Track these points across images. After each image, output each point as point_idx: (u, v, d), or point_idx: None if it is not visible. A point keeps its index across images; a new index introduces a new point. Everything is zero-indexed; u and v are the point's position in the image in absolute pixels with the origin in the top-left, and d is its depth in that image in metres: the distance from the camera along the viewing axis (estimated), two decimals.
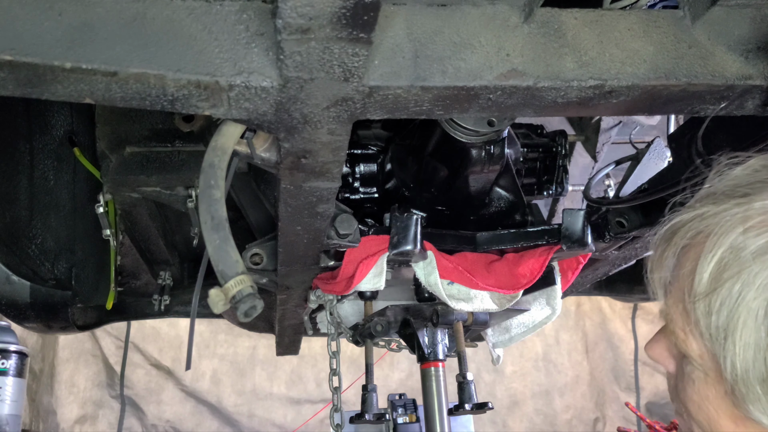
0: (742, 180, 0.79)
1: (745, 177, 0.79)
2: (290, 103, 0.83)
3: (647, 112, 0.98)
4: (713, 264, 0.74)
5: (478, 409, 1.67)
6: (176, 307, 2.35)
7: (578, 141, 2.08)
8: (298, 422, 4.71)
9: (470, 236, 1.60)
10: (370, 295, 1.77)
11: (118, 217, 1.90)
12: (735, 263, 0.72)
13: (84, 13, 0.76)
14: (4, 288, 2.06)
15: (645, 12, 0.93)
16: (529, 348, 5.13)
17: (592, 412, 5.11)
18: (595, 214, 1.56)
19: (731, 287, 0.72)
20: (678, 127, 1.58)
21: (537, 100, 0.89)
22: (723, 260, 0.73)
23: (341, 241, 1.35)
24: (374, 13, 0.68)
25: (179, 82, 0.78)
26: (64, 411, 4.41)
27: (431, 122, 1.45)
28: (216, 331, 4.76)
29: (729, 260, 0.73)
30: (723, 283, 0.72)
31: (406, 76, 0.82)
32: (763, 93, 0.93)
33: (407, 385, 4.70)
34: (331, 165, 1.00)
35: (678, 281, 0.80)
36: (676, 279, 0.81)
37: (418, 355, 1.78)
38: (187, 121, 1.65)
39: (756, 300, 0.70)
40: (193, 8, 0.80)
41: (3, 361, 3.14)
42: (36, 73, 0.75)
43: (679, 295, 0.80)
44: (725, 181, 0.80)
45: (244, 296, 0.85)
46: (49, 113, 2.00)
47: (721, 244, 0.74)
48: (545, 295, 1.79)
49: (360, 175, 1.70)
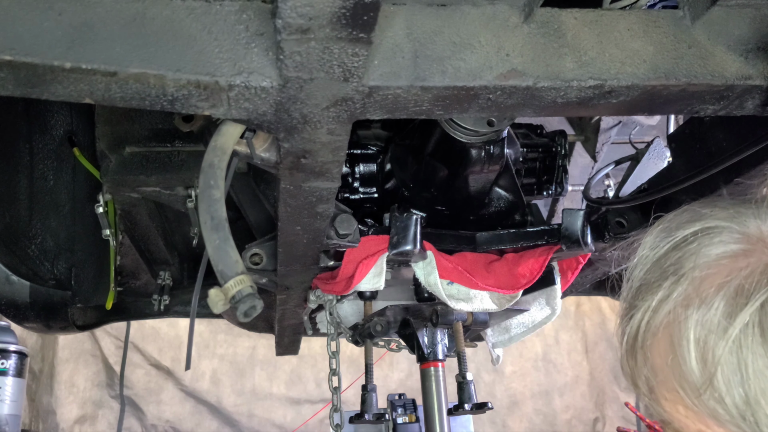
0: (664, 254, 0.75)
1: (662, 254, 0.76)
2: (290, 103, 0.83)
3: (647, 112, 0.98)
4: (693, 350, 0.68)
5: (478, 409, 1.67)
6: (176, 307, 2.35)
7: (578, 141, 2.08)
8: (298, 422, 4.71)
9: (470, 236, 1.60)
10: (369, 295, 1.77)
11: (117, 217, 1.90)
12: (714, 337, 0.67)
13: (84, 13, 0.76)
14: (4, 288, 2.06)
15: (645, 12, 0.93)
16: (529, 348, 5.14)
17: (592, 412, 5.11)
18: (595, 214, 1.56)
19: (729, 361, 0.66)
20: (678, 127, 1.58)
21: (537, 100, 0.89)
22: (700, 340, 0.68)
23: (341, 241, 1.35)
24: (374, 13, 0.68)
25: (179, 82, 0.78)
26: (63, 411, 4.42)
27: (431, 122, 1.45)
28: (216, 331, 4.76)
29: (706, 337, 0.67)
30: (717, 362, 0.66)
31: (405, 76, 0.82)
32: (762, 93, 0.93)
33: (407, 385, 4.71)
34: (331, 165, 1.00)
35: (662, 381, 0.74)
36: (658, 380, 0.74)
37: (417, 355, 1.78)
38: (186, 121, 1.64)
39: (760, 358, 0.64)
40: (192, 8, 0.80)
41: (3, 361, 3.14)
42: (36, 73, 0.75)
43: (673, 397, 0.72)
44: (647, 266, 0.77)
45: (244, 296, 0.85)
46: (48, 113, 2.00)
47: (687, 327, 0.68)
48: (545, 295, 1.79)
49: (360, 175, 1.70)
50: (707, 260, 0.71)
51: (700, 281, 0.70)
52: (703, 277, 0.70)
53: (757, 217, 0.73)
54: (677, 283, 0.72)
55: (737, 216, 0.74)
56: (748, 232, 0.72)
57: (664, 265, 0.75)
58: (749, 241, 0.71)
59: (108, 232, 1.89)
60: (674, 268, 0.73)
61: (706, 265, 0.71)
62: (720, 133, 1.23)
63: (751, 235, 0.72)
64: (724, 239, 0.72)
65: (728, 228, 0.73)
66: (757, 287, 0.66)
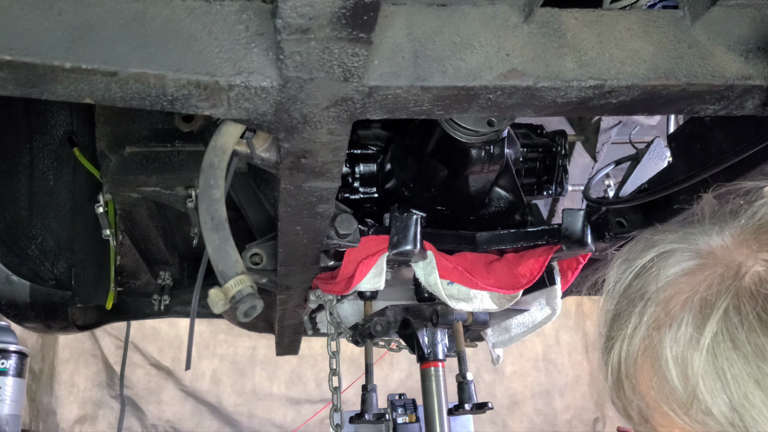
0: (628, 284, 0.79)
1: (626, 284, 0.79)
2: (290, 103, 0.83)
3: (647, 112, 0.98)
4: (673, 367, 0.70)
5: (478, 409, 1.67)
6: (176, 307, 2.35)
7: (578, 141, 2.08)
8: (298, 422, 4.71)
9: (470, 236, 1.60)
10: (369, 295, 1.77)
11: (117, 217, 1.90)
12: (690, 350, 0.69)
13: (84, 13, 0.76)
14: (4, 288, 2.06)
15: (645, 12, 0.93)
16: (529, 348, 5.14)
17: (592, 412, 5.11)
18: (595, 214, 1.56)
19: (707, 371, 0.67)
20: (678, 127, 1.58)
21: (537, 100, 0.89)
22: (678, 357, 0.70)
23: (341, 241, 1.35)
24: (374, 13, 0.68)
25: (179, 82, 0.78)
26: (63, 411, 4.42)
27: (431, 122, 1.45)
28: (216, 331, 4.76)
29: (683, 353, 0.69)
30: (697, 374, 0.68)
31: (405, 76, 0.82)
32: (762, 93, 0.93)
33: (407, 385, 4.71)
34: (331, 165, 1.00)
35: (652, 407, 0.75)
36: (649, 406, 0.76)
37: (417, 355, 1.78)
38: (186, 121, 1.64)
39: (735, 363, 0.66)
40: (192, 8, 0.80)
41: (3, 361, 3.14)
42: (36, 73, 0.75)
43: (667, 421, 0.74)
44: (615, 298, 0.80)
45: (244, 296, 0.85)
46: (48, 113, 2.00)
47: (663, 347, 0.71)
48: (545, 295, 1.79)
49: (360, 175, 1.70)
50: (668, 280, 0.75)
51: (665, 302, 0.73)
52: (668, 297, 0.74)
53: (704, 234, 0.77)
54: (645, 306, 0.75)
55: (686, 237, 0.78)
56: (699, 249, 0.76)
57: (631, 294, 0.78)
58: (701, 256, 0.75)
59: (108, 232, 1.88)
60: (640, 294, 0.77)
61: (667, 285, 0.75)
62: (720, 133, 1.23)
63: (701, 250, 0.76)
64: (679, 259, 0.76)
65: (680, 248, 0.77)
66: (717, 296, 0.69)
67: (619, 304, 0.80)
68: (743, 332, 0.67)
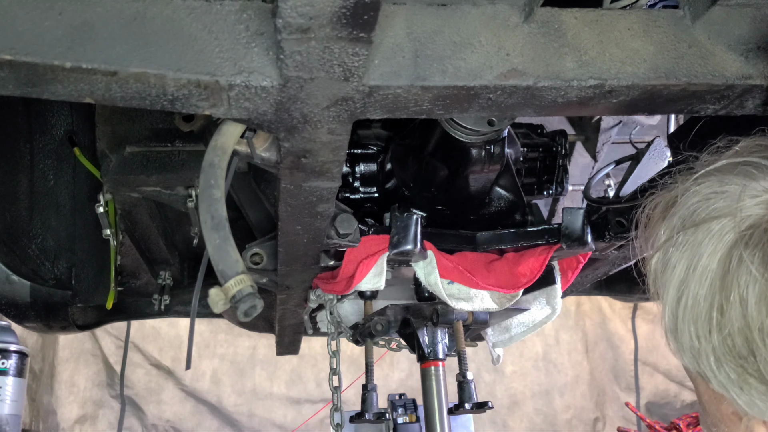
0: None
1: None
2: (290, 102, 0.83)
3: (647, 111, 0.98)
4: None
5: (478, 408, 1.67)
6: (176, 306, 2.35)
7: (578, 141, 2.08)
8: (298, 422, 4.71)
9: (470, 236, 1.60)
10: (370, 295, 1.77)
11: (118, 217, 1.90)
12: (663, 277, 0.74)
13: (84, 13, 0.76)
14: (4, 288, 2.06)
15: (645, 12, 0.93)
16: (529, 348, 5.13)
17: (592, 412, 5.11)
18: (595, 214, 1.56)
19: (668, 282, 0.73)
20: (678, 126, 1.58)
21: (537, 100, 0.89)
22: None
23: (341, 241, 1.35)
24: (374, 12, 0.68)
25: (179, 81, 0.78)
26: (64, 411, 4.41)
27: (431, 122, 1.45)
28: (216, 331, 4.76)
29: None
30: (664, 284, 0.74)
31: (406, 75, 0.82)
32: (763, 92, 0.93)
33: (407, 385, 4.71)
34: (331, 165, 1.00)
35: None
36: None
37: (418, 355, 1.78)
38: (187, 120, 1.65)
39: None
40: (193, 8, 0.80)
41: (3, 360, 3.14)
42: (36, 72, 0.75)
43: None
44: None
45: (244, 296, 0.85)
46: (49, 113, 2.00)
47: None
48: (545, 295, 1.79)
49: (360, 175, 1.70)
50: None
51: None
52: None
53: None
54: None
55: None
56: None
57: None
58: None
59: (108, 232, 1.88)
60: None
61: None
62: (720, 133, 1.23)
63: None
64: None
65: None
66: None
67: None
68: None
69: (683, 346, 0.74)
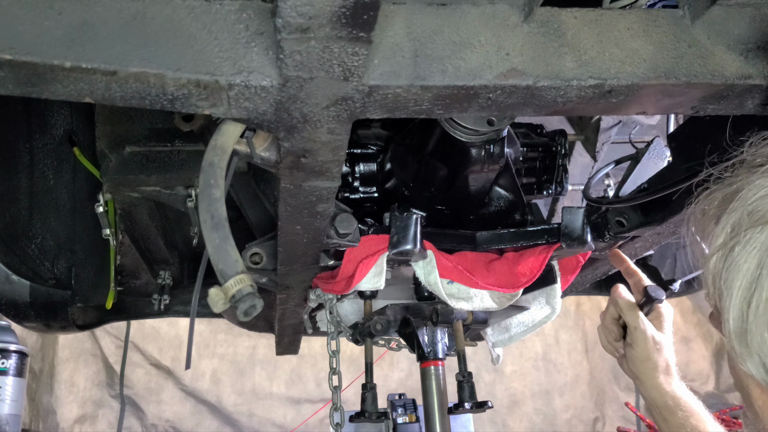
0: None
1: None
2: (290, 102, 0.83)
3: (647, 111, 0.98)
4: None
5: (478, 408, 1.67)
6: (176, 306, 2.35)
7: (578, 140, 2.08)
8: (298, 422, 4.71)
9: (470, 235, 1.60)
10: (369, 294, 1.77)
11: (117, 217, 1.90)
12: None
13: (84, 13, 0.76)
14: (4, 287, 2.06)
15: (645, 11, 0.93)
16: (529, 348, 5.14)
17: (592, 411, 5.11)
18: (595, 214, 1.56)
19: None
20: (678, 126, 1.58)
21: (537, 100, 0.89)
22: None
23: (341, 241, 1.35)
24: (374, 12, 0.68)
25: (179, 81, 0.78)
26: (63, 410, 4.42)
27: (431, 121, 1.45)
28: (216, 331, 4.76)
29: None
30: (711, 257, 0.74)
31: (405, 75, 0.82)
32: (762, 92, 0.93)
33: (407, 385, 4.71)
34: (331, 164, 1.00)
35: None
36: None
37: (417, 354, 1.78)
38: (186, 120, 1.64)
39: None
40: (192, 7, 0.80)
41: (3, 360, 3.14)
42: (36, 72, 0.75)
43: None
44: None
45: (244, 295, 0.85)
46: (48, 113, 2.00)
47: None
48: (545, 294, 1.79)
49: (360, 175, 1.70)
50: None
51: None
52: None
53: None
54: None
55: None
56: None
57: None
58: None
59: (108, 232, 1.88)
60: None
61: None
62: (720, 133, 1.23)
63: None
64: None
65: None
66: None
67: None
68: None
69: (751, 350, 0.70)
